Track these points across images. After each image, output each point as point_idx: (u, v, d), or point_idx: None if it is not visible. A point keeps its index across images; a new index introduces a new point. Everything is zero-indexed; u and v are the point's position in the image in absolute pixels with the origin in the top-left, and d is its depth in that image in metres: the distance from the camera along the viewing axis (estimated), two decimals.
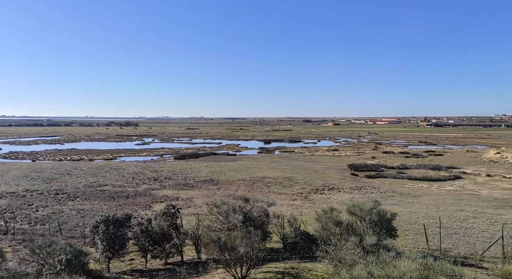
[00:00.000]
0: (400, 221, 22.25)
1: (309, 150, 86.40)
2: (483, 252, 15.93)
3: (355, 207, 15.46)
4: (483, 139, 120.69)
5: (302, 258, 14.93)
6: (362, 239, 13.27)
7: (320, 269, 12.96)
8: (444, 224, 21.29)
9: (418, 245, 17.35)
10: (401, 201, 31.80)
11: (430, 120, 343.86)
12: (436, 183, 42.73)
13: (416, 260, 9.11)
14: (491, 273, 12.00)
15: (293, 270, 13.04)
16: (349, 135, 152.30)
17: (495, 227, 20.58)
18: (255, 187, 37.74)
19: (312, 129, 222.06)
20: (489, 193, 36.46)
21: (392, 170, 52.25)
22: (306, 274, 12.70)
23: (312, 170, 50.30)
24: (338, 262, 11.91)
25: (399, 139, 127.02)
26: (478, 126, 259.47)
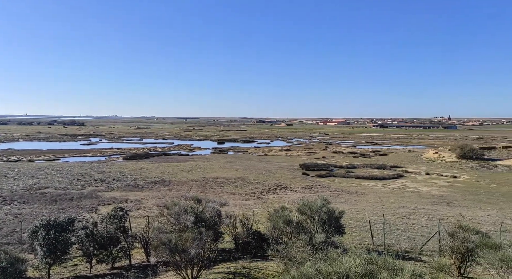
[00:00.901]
0: (348, 218, 23.15)
1: (262, 150, 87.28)
2: (422, 246, 17.02)
3: (305, 206, 15.85)
4: (423, 140, 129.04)
5: (254, 257, 15.03)
6: (311, 237, 13.63)
7: (271, 267, 13.13)
8: (387, 221, 22.46)
9: (364, 241, 18.15)
10: (349, 199, 33.09)
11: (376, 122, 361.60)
12: (381, 182, 44.96)
13: (361, 256, 9.51)
14: (429, 265, 12.87)
15: (244, 269, 13.08)
16: (301, 135, 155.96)
17: (433, 222, 22.04)
18: (208, 188, 37.42)
19: (266, 129, 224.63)
20: (428, 190, 39.01)
21: (341, 169, 54.24)
22: (257, 273, 12.79)
23: (265, 170, 50.85)
24: (289, 260, 12.13)
25: (348, 139, 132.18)
26: (419, 127, 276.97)
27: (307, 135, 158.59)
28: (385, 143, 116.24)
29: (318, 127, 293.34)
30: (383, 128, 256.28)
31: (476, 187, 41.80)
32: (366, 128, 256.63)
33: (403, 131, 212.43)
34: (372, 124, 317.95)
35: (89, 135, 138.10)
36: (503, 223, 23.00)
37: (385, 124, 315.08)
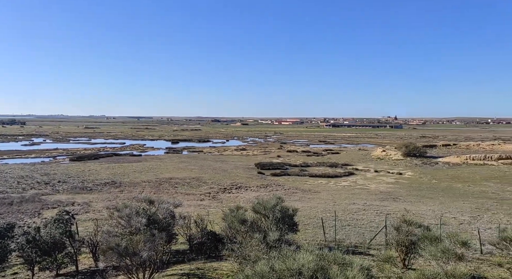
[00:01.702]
0: (301, 216, 23.64)
1: (218, 149, 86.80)
2: (370, 240, 17.79)
3: (260, 205, 15.97)
4: (372, 138, 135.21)
5: (209, 258, 14.89)
6: (266, 235, 13.75)
7: (226, 267, 13.08)
8: (339, 217, 23.24)
9: (317, 238, 18.63)
10: (303, 197, 33.83)
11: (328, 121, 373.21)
12: (333, 179, 46.45)
13: (313, 252, 9.74)
14: (376, 258, 13.47)
15: (198, 270, 12.91)
16: (257, 135, 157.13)
17: (381, 218, 23.12)
18: (162, 188, 36.55)
19: (221, 129, 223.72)
20: (376, 187, 40.88)
21: (296, 168, 55.31)
22: (211, 273, 12.68)
23: (220, 170, 50.61)
24: (243, 259, 12.14)
25: (302, 139, 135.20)
26: (368, 127, 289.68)
27: (262, 134, 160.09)
28: (337, 141, 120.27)
29: (273, 126, 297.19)
30: (335, 128, 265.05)
31: (419, 183, 44.47)
32: (319, 128, 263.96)
33: (354, 130, 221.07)
34: (325, 124, 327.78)
35: (32, 135, 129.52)
36: (443, 216, 24.67)
37: (337, 124, 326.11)
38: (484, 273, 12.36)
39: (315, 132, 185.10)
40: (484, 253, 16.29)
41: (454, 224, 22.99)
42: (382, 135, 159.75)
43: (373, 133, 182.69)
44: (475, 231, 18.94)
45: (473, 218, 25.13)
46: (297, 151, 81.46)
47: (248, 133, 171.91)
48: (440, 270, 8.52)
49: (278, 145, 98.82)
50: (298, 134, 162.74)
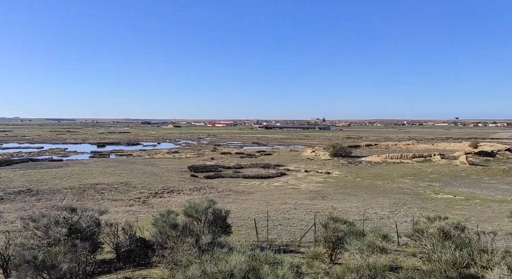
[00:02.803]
0: (235, 217, 23.72)
1: (148, 152, 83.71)
2: (300, 238, 18.42)
3: (192, 208, 15.69)
4: (302, 140, 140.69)
5: (138, 265, 14.24)
6: (198, 239, 13.54)
7: (156, 274, 12.60)
8: (271, 217, 23.73)
9: (249, 239, 18.80)
10: (236, 199, 33.98)
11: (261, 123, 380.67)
12: (266, 180, 47.38)
13: (245, 253, 9.80)
14: (306, 256, 13.96)
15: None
16: (190, 137, 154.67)
17: (310, 216, 24.04)
18: (86, 195, 34.21)
19: (152, 131, 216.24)
20: (306, 187, 42.54)
21: (229, 170, 55.43)
22: None
23: (151, 173, 48.85)
24: (174, 265, 11.79)
25: (236, 140, 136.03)
26: (298, 128, 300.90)
27: (195, 137, 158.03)
28: (269, 143, 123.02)
29: (207, 128, 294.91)
30: (268, 130, 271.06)
31: (345, 181, 47.21)
32: (252, 130, 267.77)
33: (285, 132, 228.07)
34: (258, 126, 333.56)
35: None
36: (366, 212, 26.46)
37: (269, 126, 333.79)
38: (400, 263, 13.45)
39: (248, 134, 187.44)
40: (401, 244, 17.76)
41: (376, 218, 24.76)
42: (311, 136, 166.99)
43: (303, 134, 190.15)
44: (393, 224, 20.57)
45: (392, 213, 27.30)
46: (231, 153, 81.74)
47: (181, 135, 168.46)
48: (363, 263, 9.08)
49: (212, 147, 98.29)
50: (232, 136, 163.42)
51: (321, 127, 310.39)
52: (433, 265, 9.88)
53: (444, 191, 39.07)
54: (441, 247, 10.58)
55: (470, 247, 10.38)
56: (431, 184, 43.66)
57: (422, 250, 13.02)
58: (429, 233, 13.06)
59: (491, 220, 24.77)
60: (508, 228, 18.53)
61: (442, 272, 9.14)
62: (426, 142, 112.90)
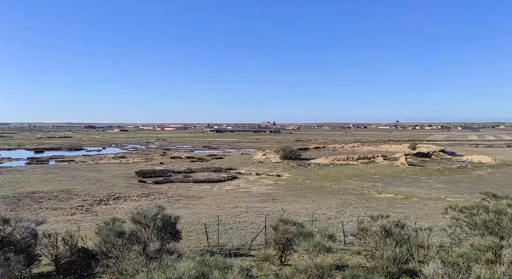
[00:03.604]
0: (185, 223, 23.26)
1: (92, 158, 79.70)
2: (251, 241, 18.48)
3: (139, 214, 15.15)
4: (254, 143, 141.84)
5: (80, 277, 13.47)
6: (146, 246, 13.10)
7: None
8: (222, 221, 23.57)
9: (200, 244, 18.51)
10: (187, 204, 33.38)
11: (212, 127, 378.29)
12: (217, 184, 47.06)
13: (194, 259, 9.64)
14: (256, 258, 14.03)
15: None
16: (138, 141, 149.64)
17: (261, 219, 24.22)
18: (22, 205, 31.76)
19: (97, 136, 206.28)
20: (257, 189, 42.86)
21: (179, 174, 54.34)
22: None
23: (95, 180, 46.52)
24: (120, 274, 11.32)
25: (186, 144, 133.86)
26: (250, 132, 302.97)
27: (144, 141, 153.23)
28: (221, 147, 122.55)
29: (156, 132, 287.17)
30: (219, 133, 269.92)
31: (295, 183, 48.24)
32: (203, 133, 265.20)
33: (237, 135, 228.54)
34: (209, 129, 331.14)
35: None
36: (314, 213, 27.20)
37: (220, 129, 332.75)
38: (346, 262, 13.96)
39: (199, 138, 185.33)
40: (347, 243, 18.46)
41: (324, 219, 25.53)
42: (262, 139, 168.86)
43: (254, 138, 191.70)
44: (340, 224, 21.34)
45: (339, 213, 28.32)
46: (181, 157, 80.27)
47: (128, 140, 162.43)
48: (311, 263, 9.30)
49: (161, 151, 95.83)
50: (182, 140, 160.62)
51: (272, 131, 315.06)
52: (376, 261, 10.36)
53: (386, 191, 41.28)
54: (383, 244, 11.14)
55: (409, 243, 11.03)
56: (374, 184, 45.93)
57: (366, 248, 13.62)
58: (372, 232, 13.70)
59: (427, 217, 26.57)
60: (442, 224, 19.97)
61: (384, 268, 9.61)
62: (370, 144, 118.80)
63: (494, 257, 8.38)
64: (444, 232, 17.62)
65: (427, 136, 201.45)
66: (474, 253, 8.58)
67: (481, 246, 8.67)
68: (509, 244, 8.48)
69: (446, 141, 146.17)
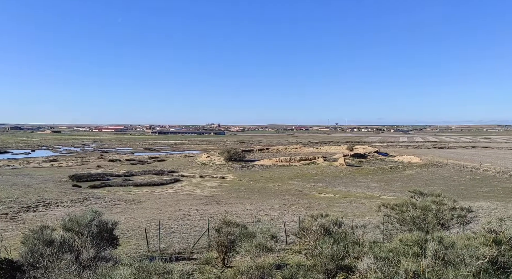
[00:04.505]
0: (123, 228, 22.29)
1: (19, 161, 73.42)
2: (193, 245, 18.18)
3: (72, 221, 14.21)
4: (198, 145, 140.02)
5: None
6: (79, 254, 12.35)
7: None
8: (164, 225, 22.94)
9: (139, 249, 17.83)
10: (126, 208, 32.00)
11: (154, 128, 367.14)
12: (159, 187, 45.74)
13: (132, 265, 9.23)
14: (198, 262, 13.81)
15: None
16: (72, 144, 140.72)
17: (204, 221, 23.95)
18: None
19: (25, 137, 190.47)
20: (201, 192, 42.34)
21: (118, 178, 52.02)
22: None
23: (22, 185, 42.89)
24: None
25: (126, 147, 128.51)
26: (194, 133, 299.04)
27: (79, 143, 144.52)
28: (163, 149, 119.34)
29: (92, 134, 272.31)
30: (162, 135, 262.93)
31: (239, 185, 48.39)
32: (145, 135, 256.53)
33: (180, 137, 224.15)
34: (151, 131, 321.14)
35: None
36: (258, 214, 27.50)
37: (163, 131, 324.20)
38: (287, 261, 14.27)
39: (140, 140, 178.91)
40: (289, 243, 18.89)
41: (267, 220, 25.88)
42: (207, 141, 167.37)
43: (198, 139, 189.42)
44: (282, 224, 21.78)
45: (281, 213, 28.91)
46: (121, 160, 76.87)
47: (61, 142, 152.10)
48: (253, 264, 9.34)
49: (99, 154, 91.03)
50: (121, 142, 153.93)
51: (216, 133, 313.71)
52: (315, 259, 10.68)
53: (326, 191, 42.96)
54: (322, 243, 11.52)
55: (346, 240, 11.53)
56: (315, 185, 47.57)
57: (306, 246, 14.01)
58: (312, 230, 14.13)
59: (363, 214, 28.08)
60: (376, 221, 21.21)
61: (322, 266, 9.94)
62: (312, 145, 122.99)
63: (420, 251, 9.04)
64: (378, 228, 18.72)
65: (364, 138, 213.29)
66: (402, 247, 9.20)
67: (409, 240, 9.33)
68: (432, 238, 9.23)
69: (380, 143, 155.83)
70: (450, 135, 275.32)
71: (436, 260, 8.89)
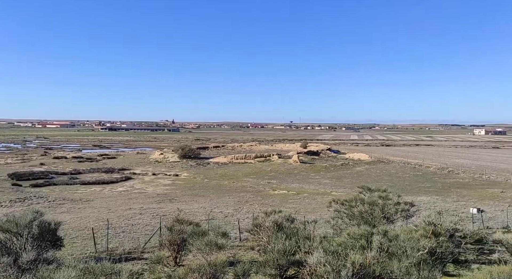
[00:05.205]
0: (69, 228, 21.21)
1: None
2: (144, 244, 17.68)
3: (10, 222, 13.29)
4: (151, 142, 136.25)
5: None
6: (18, 257, 11.57)
7: None
8: (113, 224, 22.10)
9: (86, 250, 17.03)
10: (72, 208, 30.43)
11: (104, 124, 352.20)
12: (109, 185, 43.95)
13: (76, 267, 8.78)
14: (149, 261, 13.46)
15: None
16: (12, 140, 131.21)
17: (157, 220, 23.38)
18: None
19: None
20: (154, 190, 41.25)
21: (64, 176, 49.33)
22: None
23: None
24: None
25: (73, 143, 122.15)
26: (147, 130, 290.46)
27: (20, 139, 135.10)
28: (114, 146, 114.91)
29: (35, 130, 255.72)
30: (112, 131, 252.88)
31: (193, 183, 47.76)
32: (94, 132, 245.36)
33: (132, 134, 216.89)
34: (101, 127, 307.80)
35: None
36: (212, 211, 27.31)
37: (114, 127, 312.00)
38: (240, 258, 14.31)
39: (89, 136, 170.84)
40: (242, 239, 18.94)
41: (221, 217, 25.78)
42: (160, 138, 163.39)
43: (151, 136, 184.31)
44: (236, 221, 21.80)
45: (236, 210, 28.93)
46: (67, 157, 72.92)
47: None
48: (204, 262, 9.24)
49: (42, 151, 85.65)
50: (68, 139, 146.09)
51: (170, 129, 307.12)
52: (267, 255, 10.80)
53: (280, 187, 43.63)
54: (274, 239, 11.67)
55: (298, 236, 11.77)
56: (270, 182, 48.14)
57: (259, 243, 14.14)
58: (265, 227, 14.28)
59: (315, 210, 28.86)
60: (327, 216, 21.89)
61: (274, 261, 10.07)
62: (267, 143, 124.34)
63: (366, 244, 9.45)
64: (328, 223, 19.33)
65: (317, 136, 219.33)
66: (350, 241, 9.56)
67: (356, 234, 9.71)
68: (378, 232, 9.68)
69: (332, 140, 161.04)
70: (396, 133, 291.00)
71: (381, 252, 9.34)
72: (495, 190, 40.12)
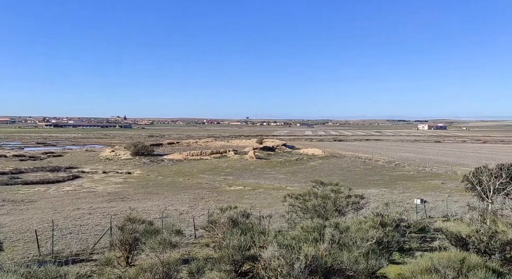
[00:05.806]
0: (9, 231, 19.84)
1: None
2: (94, 245, 16.92)
3: None
4: (101, 139, 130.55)
5: None
6: None
7: None
8: (59, 226, 20.95)
9: (28, 254, 15.98)
10: (13, 209, 28.43)
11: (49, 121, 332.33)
12: (55, 185, 41.59)
13: (17, 272, 8.21)
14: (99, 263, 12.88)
15: None
16: None
17: (107, 220, 22.44)
18: None
19: None
20: (104, 189, 39.60)
21: (4, 176, 45.95)
22: None
23: None
24: None
25: (14, 141, 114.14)
26: (96, 127, 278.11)
27: None
28: (60, 143, 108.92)
29: None
30: (58, 128, 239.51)
31: (147, 180, 46.46)
32: (37, 128, 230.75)
33: (81, 130, 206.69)
34: (45, 124, 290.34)
35: None
36: (166, 209, 26.74)
37: (60, 124, 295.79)
38: (195, 255, 14.14)
39: (32, 133, 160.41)
40: (197, 237, 18.74)
41: (176, 215, 25.32)
42: (111, 135, 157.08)
43: (102, 133, 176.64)
44: (191, 219, 21.51)
45: (191, 207, 28.55)
46: (7, 156, 67.96)
47: None
48: (157, 260, 9.00)
49: None
50: (8, 136, 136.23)
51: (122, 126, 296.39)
52: (223, 252, 10.74)
53: (236, 183, 43.67)
54: (229, 234, 11.64)
55: (253, 231, 11.82)
56: (226, 178, 48.02)
57: (215, 239, 14.05)
58: (220, 223, 14.20)
59: (270, 205, 29.22)
60: (282, 211, 22.24)
61: (229, 257, 10.04)
62: (223, 139, 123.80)
63: (319, 236, 9.70)
64: (283, 217, 19.64)
65: (273, 131, 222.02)
66: (304, 234, 9.77)
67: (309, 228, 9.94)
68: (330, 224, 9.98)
69: (287, 136, 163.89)
70: (348, 129, 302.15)
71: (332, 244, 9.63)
72: (437, 182, 42.99)
